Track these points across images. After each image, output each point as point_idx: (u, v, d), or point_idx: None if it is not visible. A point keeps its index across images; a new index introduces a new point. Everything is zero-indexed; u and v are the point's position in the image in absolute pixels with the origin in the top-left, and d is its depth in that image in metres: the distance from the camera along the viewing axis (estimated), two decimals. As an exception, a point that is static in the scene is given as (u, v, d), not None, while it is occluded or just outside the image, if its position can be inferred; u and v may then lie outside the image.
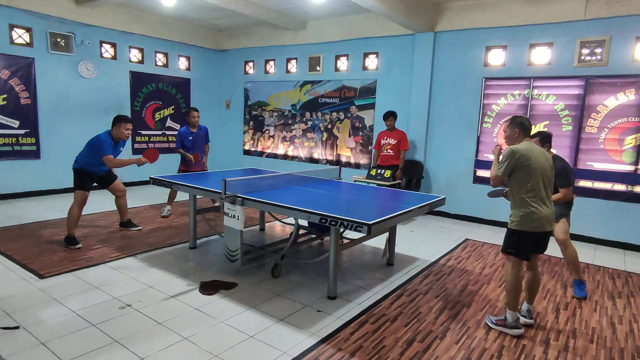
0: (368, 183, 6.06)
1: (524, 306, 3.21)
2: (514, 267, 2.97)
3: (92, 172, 4.67)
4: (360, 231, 2.93)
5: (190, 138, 5.91)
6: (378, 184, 5.93)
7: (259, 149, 9.12)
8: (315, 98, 8.06)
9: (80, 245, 4.47)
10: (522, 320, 3.13)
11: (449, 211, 6.61)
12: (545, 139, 3.68)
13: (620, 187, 5.33)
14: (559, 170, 3.56)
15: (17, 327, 2.82)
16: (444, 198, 4.17)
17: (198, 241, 4.81)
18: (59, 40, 6.90)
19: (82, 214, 4.74)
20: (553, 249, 5.16)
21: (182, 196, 6.73)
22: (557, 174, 3.51)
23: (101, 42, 7.49)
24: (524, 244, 2.93)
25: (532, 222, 2.87)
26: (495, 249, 5.11)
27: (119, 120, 4.65)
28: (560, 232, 3.75)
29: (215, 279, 3.76)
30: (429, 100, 6.65)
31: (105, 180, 4.92)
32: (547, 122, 5.74)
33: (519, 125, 3.01)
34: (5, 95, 6.41)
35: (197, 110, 6.03)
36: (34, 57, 6.64)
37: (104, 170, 4.80)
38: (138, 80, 8.11)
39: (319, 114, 8.06)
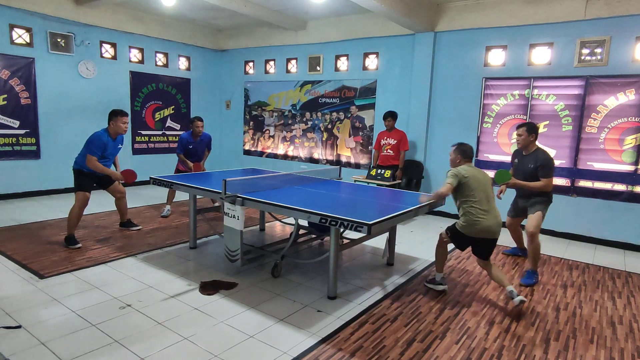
0: (368, 183, 6.06)
1: (508, 289, 3.40)
2: (443, 242, 3.70)
3: (91, 173, 4.62)
4: (360, 231, 2.93)
5: (191, 147, 5.93)
6: (378, 184, 5.93)
7: (259, 149, 9.13)
8: (316, 98, 8.06)
9: (80, 245, 4.47)
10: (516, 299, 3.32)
11: (449, 211, 6.61)
12: (531, 129, 4.09)
13: (620, 187, 5.33)
14: (543, 162, 3.98)
15: (19, 327, 2.82)
16: (444, 198, 4.16)
17: (198, 241, 4.81)
18: (59, 40, 6.90)
19: (83, 214, 4.75)
20: (553, 249, 5.18)
21: (182, 196, 6.73)
22: (541, 165, 3.99)
23: (101, 42, 7.48)
24: (462, 241, 3.53)
25: (474, 230, 3.39)
26: (495, 248, 5.11)
27: (115, 114, 4.60)
28: (532, 225, 3.97)
29: (215, 279, 3.76)
30: (429, 100, 6.65)
31: (104, 182, 4.88)
32: (547, 122, 5.74)
33: (462, 152, 3.56)
34: (5, 95, 6.41)
35: (201, 120, 5.99)
36: (34, 57, 6.64)
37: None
38: (138, 80, 8.11)
39: (319, 114, 8.06)
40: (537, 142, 4.19)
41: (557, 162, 5.69)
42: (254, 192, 3.83)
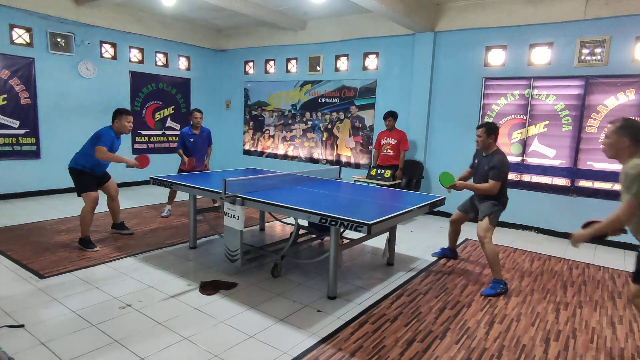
0: (368, 183, 6.06)
1: None
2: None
3: (91, 172, 4.50)
4: (360, 231, 2.93)
5: (192, 140, 5.90)
6: (378, 184, 5.93)
7: (259, 149, 9.12)
8: (315, 98, 8.06)
9: (97, 248, 4.41)
10: None
11: (449, 211, 6.59)
12: (490, 130, 3.85)
13: (620, 187, 5.32)
14: (496, 163, 3.77)
15: (21, 326, 2.82)
16: (444, 198, 4.17)
17: (198, 241, 4.81)
18: (59, 40, 6.90)
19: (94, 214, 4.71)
20: (553, 249, 5.18)
21: (181, 196, 6.73)
22: (493, 166, 3.78)
23: (101, 42, 7.49)
24: None
25: None
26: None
27: (119, 113, 4.50)
28: (481, 229, 3.81)
29: (215, 279, 3.76)
30: (429, 100, 6.65)
31: (101, 180, 4.72)
32: (547, 122, 5.74)
33: (634, 134, 2.42)
34: (5, 95, 6.41)
35: (199, 111, 6.00)
36: (34, 57, 6.64)
37: (103, 170, 4.68)
38: (138, 80, 8.11)
39: (319, 114, 8.06)
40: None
41: (557, 162, 5.72)
42: (254, 192, 3.83)
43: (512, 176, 6.05)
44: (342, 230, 3.46)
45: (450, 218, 4.55)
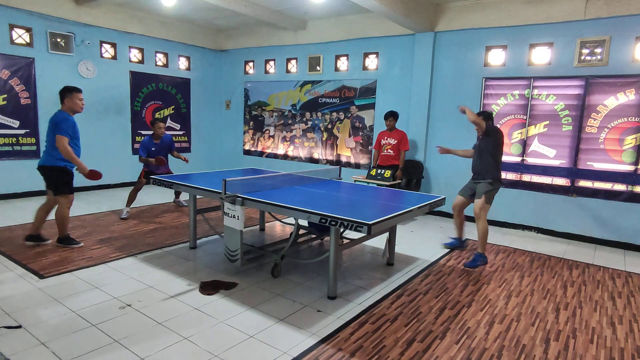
0: (368, 183, 6.06)
1: None
2: None
3: (71, 170, 4.26)
4: (360, 231, 2.93)
5: (153, 149, 6.02)
6: (378, 184, 5.93)
7: (259, 149, 9.12)
8: (315, 98, 8.06)
9: (82, 244, 4.46)
10: None
11: (449, 211, 6.59)
12: (488, 117, 4.53)
13: (620, 187, 5.33)
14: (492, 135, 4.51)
15: (19, 327, 2.82)
16: (444, 198, 4.17)
17: (198, 241, 4.81)
18: (59, 40, 6.90)
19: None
20: (553, 249, 5.18)
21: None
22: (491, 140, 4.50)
23: (101, 42, 7.48)
24: None
25: None
26: (495, 248, 5.11)
27: (69, 90, 4.22)
28: (477, 207, 4.33)
29: (215, 279, 3.76)
30: (429, 100, 6.65)
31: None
32: (547, 122, 5.74)
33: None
34: (5, 95, 6.41)
35: (163, 122, 6.20)
36: (34, 57, 6.64)
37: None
38: (138, 80, 8.11)
39: (319, 114, 8.06)
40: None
41: (557, 162, 5.73)
42: (254, 192, 3.83)
43: (512, 176, 6.05)
44: (342, 230, 3.46)
45: (452, 204, 4.93)
